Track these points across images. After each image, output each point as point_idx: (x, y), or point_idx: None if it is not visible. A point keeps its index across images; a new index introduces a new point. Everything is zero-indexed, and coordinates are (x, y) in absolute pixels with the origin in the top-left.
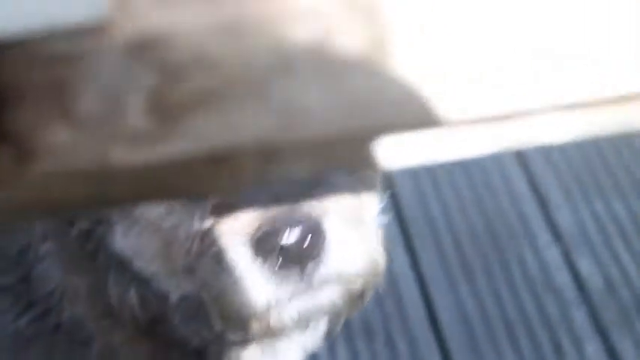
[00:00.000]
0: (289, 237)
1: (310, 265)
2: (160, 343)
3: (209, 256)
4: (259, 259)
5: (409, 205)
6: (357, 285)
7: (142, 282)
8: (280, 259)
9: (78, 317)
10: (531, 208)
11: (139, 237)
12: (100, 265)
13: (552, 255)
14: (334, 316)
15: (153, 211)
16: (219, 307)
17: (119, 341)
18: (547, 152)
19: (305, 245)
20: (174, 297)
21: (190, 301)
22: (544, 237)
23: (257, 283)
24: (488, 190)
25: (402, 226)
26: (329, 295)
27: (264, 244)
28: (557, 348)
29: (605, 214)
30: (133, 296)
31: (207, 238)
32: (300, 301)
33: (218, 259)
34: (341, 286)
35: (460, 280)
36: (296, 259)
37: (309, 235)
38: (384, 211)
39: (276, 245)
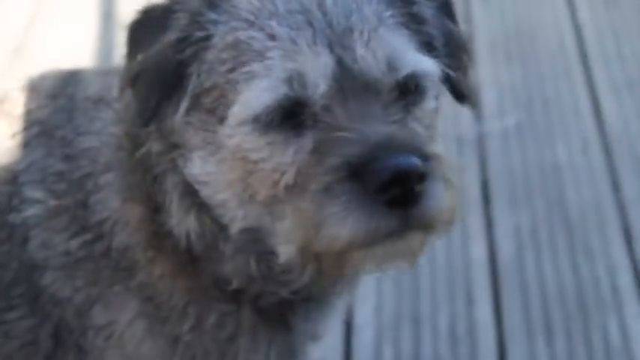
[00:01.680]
0: (398, 176)
1: (411, 206)
2: (197, 280)
3: (310, 188)
4: (367, 194)
5: (505, 257)
6: (434, 233)
7: (202, 210)
8: (387, 196)
9: (125, 246)
10: (626, 280)
11: (219, 164)
12: (161, 192)
13: (637, 327)
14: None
15: (247, 143)
16: (307, 238)
17: (159, 273)
18: None
19: (411, 187)
20: (235, 227)
21: (248, 234)
22: (633, 309)
23: (359, 216)
24: (587, 256)
25: (493, 274)
26: (411, 239)
27: (372, 180)
28: None
29: None
30: (192, 223)
31: (304, 171)
32: (387, 242)
33: (322, 191)
34: (424, 231)
35: (539, 337)
36: (400, 198)
37: (417, 177)
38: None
39: (384, 182)
